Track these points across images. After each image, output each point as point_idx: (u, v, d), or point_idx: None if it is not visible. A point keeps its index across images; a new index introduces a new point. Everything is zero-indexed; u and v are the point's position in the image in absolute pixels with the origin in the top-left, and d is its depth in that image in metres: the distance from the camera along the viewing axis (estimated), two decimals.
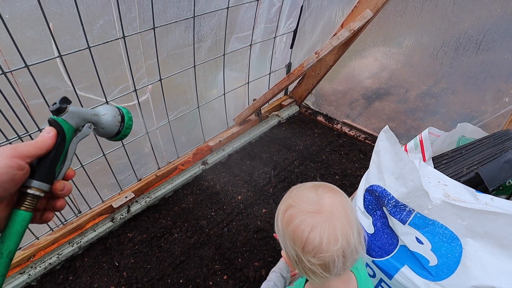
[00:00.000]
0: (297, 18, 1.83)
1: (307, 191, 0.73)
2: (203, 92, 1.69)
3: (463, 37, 1.36)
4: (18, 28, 0.92)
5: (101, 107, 0.61)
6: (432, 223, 0.79)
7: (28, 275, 1.27)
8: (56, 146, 0.52)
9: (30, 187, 0.49)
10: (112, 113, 0.60)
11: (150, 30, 1.19)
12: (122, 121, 0.62)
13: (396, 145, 0.84)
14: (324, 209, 0.68)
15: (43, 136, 0.51)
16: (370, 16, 1.41)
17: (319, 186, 0.74)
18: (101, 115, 0.59)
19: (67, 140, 0.54)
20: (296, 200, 0.71)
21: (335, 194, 0.72)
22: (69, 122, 0.54)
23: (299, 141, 1.98)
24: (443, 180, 0.91)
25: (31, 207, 0.49)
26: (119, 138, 0.63)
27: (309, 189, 0.73)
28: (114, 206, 1.46)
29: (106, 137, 0.62)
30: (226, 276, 1.29)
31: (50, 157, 0.51)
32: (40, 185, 0.50)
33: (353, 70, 1.90)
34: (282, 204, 0.74)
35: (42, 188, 0.50)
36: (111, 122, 0.60)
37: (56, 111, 0.53)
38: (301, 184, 0.78)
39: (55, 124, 0.53)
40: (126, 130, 0.62)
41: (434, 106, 1.64)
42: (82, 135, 0.57)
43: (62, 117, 0.53)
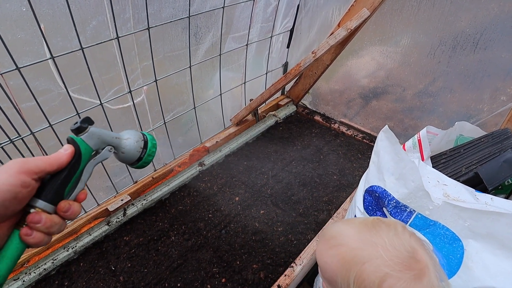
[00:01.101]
0: (293, 17, 1.82)
1: (394, 244, 0.57)
2: (200, 92, 1.67)
3: (460, 36, 1.36)
4: (9, 29, 0.90)
5: (126, 131, 0.60)
6: (433, 224, 0.78)
7: (23, 281, 1.24)
8: (69, 165, 0.50)
9: (33, 207, 0.46)
10: (135, 138, 0.59)
11: (145, 31, 1.17)
12: (144, 147, 0.60)
13: (396, 145, 0.83)
14: (423, 265, 0.55)
15: (59, 153, 0.49)
16: (367, 15, 1.40)
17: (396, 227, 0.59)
18: (123, 139, 0.58)
19: (82, 161, 0.52)
20: (391, 265, 0.55)
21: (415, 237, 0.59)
22: (87, 143, 0.52)
23: (296, 141, 1.97)
24: (442, 180, 0.90)
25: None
26: (140, 165, 0.61)
27: (394, 239, 0.57)
28: (109, 209, 1.44)
29: (126, 163, 0.60)
30: (225, 279, 1.28)
31: (61, 176, 0.49)
32: (45, 206, 0.47)
33: (350, 69, 1.89)
34: (369, 271, 0.55)
35: (46, 209, 0.47)
36: (133, 147, 0.58)
37: (76, 130, 0.52)
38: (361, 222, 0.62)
39: (73, 143, 0.51)
40: (148, 158, 0.60)
41: (432, 105, 1.64)
42: (100, 157, 0.55)
43: (81, 137, 0.52)
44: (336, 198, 1.59)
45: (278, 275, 1.27)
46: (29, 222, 0.45)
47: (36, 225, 0.45)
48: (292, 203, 1.56)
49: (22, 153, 1.05)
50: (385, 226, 0.60)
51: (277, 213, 1.52)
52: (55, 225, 0.48)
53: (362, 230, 0.60)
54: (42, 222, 0.45)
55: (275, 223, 1.47)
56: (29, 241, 0.45)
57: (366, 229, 0.60)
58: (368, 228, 0.60)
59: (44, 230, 0.46)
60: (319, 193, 1.62)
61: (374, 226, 0.60)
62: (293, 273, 1.25)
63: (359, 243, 0.58)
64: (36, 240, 0.46)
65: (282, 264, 1.32)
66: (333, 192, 1.62)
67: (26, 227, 0.45)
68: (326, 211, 1.52)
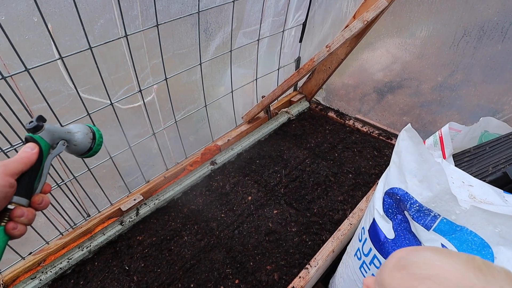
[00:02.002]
0: (306, 10, 1.76)
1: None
2: (210, 90, 1.64)
3: (487, 25, 1.28)
4: (16, 30, 0.88)
5: (72, 125, 0.65)
6: (460, 229, 0.73)
7: (39, 280, 1.26)
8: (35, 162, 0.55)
9: (11, 203, 0.51)
10: (84, 131, 0.64)
11: (153, 28, 1.14)
12: (93, 138, 0.65)
13: (420, 145, 0.78)
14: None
15: (27, 152, 0.54)
16: (385, 5, 1.33)
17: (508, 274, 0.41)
18: (74, 133, 0.63)
19: (44, 156, 0.57)
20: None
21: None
22: (45, 139, 0.57)
23: (310, 139, 1.92)
24: (467, 181, 0.85)
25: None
26: (90, 154, 0.66)
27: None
28: (123, 209, 1.44)
29: (77, 154, 0.67)
30: (238, 280, 1.26)
31: (29, 173, 0.54)
32: (20, 200, 0.52)
33: (364, 63, 1.83)
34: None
35: (21, 203, 0.52)
36: (84, 139, 0.64)
37: (33, 129, 0.56)
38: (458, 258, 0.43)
39: (33, 141, 0.56)
40: (97, 147, 0.66)
41: (452, 99, 1.56)
42: (56, 151, 0.60)
43: (39, 134, 0.57)
44: (351, 197, 1.54)
45: (292, 276, 1.24)
46: (14, 216, 0.51)
47: (20, 219, 0.52)
48: (306, 203, 1.53)
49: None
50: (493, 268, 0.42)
51: (290, 213, 1.48)
52: (34, 216, 0.54)
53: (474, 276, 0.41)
54: (25, 215, 0.52)
55: (289, 223, 1.44)
56: (15, 234, 0.51)
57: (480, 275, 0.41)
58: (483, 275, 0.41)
59: (26, 222, 0.53)
60: (334, 193, 1.57)
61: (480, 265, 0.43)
62: (308, 275, 1.21)
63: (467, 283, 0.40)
64: (20, 232, 0.52)
65: (297, 266, 1.28)
66: (348, 191, 1.57)
67: (12, 222, 0.51)
68: (342, 211, 1.47)
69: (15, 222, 0.52)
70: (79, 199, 1.32)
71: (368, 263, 0.97)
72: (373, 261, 0.94)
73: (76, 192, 1.30)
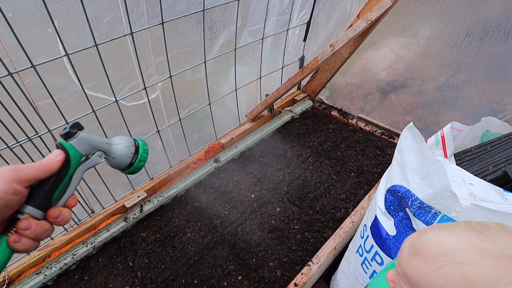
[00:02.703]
0: (310, 9, 1.77)
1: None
2: (215, 88, 1.65)
3: (490, 26, 1.28)
4: (23, 27, 0.90)
5: (117, 136, 0.59)
6: None
7: (44, 275, 1.27)
8: (58, 171, 0.50)
9: (22, 213, 0.46)
10: (125, 144, 0.58)
11: (159, 26, 1.15)
12: (136, 152, 0.59)
13: (421, 143, 0.79)
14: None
15: (50, 159, 0.49)
16: (389, 5, 1.33)
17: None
18: (114, 145, 0.57)
19: (71, 166, 0.52)
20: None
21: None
22: (77, 148, 0.52)
23: (313, 137, 1.93)
24: (468, 179, 0.85)
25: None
26: (131, 171, 0.60)
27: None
28: (127, 206, 1.45)
29: (117, 168, 0.60)
30: (241, 276, 1.27)
31: (49, 182, 0.49)
32: (33, 211, 0.47)
33: (367, 63, 1.83)
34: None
35: (34, 214, 0.47)
36: (123, 153, 0.58)
37: (65, 136, 0.52)
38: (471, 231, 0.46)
39: (62, 148, 0.51)
40: (139, 163, 0.60)
41: (454, 99, 1.56)
42: (90, 163, 0.55)
43: (71, 142, 0.52)
44: (354, 196, 1.54)
45: (295, 273, 1.25)
46: (19, 228, 0.45)
47: (25, 232, 0.45)
48: (309, 201, 1.53)
49: (41, 151, 1.06)
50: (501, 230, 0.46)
51: (293, 210, 1.49)
52: (44, 231, 0.48)
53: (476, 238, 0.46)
54: (31, 229, 0.45)
55: (292, 221, 1.45)
56: (17, 248, 0.45)
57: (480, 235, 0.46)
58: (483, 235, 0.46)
59: (33, 236, 0.46)
60: (336, 191, 1.58)
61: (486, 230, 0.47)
62: (310, 271, 1.22)
63: (483, 257, 0.43)
64: (24, 246, 0.46)
65: (299, 262, 1.29)
66: (350, 189, 1.58)
67: (15, 234, 0.45)
68: (344, 209, 1.48)
69: (19, 234, 0.45)
70: (83, 196, 1.34)
71: (369, 260, 0.98)
72: (374, 257, 0.95)
73: (80, 188, 1.31)
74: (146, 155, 0.61)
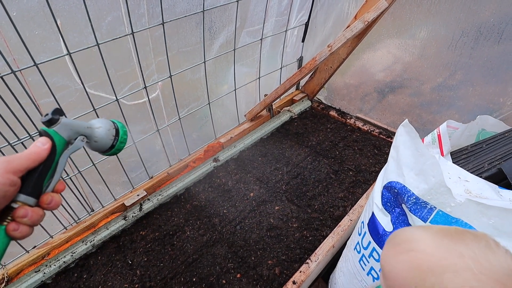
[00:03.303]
0: (308, 10, 1.79)
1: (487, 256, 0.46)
2: (214, 88, 1.67)
3: (484, 27, 1.30)
4: (26, 26, 0.91)
5: (95, 120, 0.60)
6: (455, 221, 0.75)
7: (43, 273, 1.28)
8: (46, 159, 0.50)
9: (15, 201, 0.47)
10: (106, 127, 0.59)
11: (159, 26, 1.17)
12: (116, 134, 0.60)
13: (416, 139, 0.80)
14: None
15: (37, 147, 0.49)
16: (385, 6, 1.36)
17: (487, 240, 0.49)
18: (95, 128, 0.58)
19: (57, 152, 0.52)
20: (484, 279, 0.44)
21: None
22: (60, 134, 0.53)
23: (311, 137, 1.95)
24: (464, 176, 0.87)
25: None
26: (112, 152, 0.61)
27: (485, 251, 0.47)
28: (126, 204, 1.46)
29: (99, 151, 0.61)
30: (240, 274, 1.28)
31: (39, 170, 0.49)
32: (26, 199, 0.47)
33: (365, 63, 1.85)
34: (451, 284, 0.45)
35: (28, 202, 0.48)
36: (105, 135, 0.58)
37: (47, 122, 0.52)
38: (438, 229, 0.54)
39: (46, 135, 0.51)
40: (120, 145, 0.61)
41: (451, 99, 1.59)
42: (74, 148, 0.55)
43: (54, 128, 0.52)
44: (352, 194, 1.56)
45: (293, 271, 1.26)
46: (16, 216, 0.46)
47: (23, 219, 0.47)
48: (307, 199, 1.55)
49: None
50: (472, 236, 0.51)
51: (292, 209, 1.51)
52: (40, 217, 0.49)
53: (442, 237, 0.51)
54: (28, 216, 0.47)
55: (290, 219, 1.46)
56: (16, 235, 0.47)
57: (447, 236, 0.51)
58: (450, 236, 0.51)
59: (30, 223, 0.48)
60: (334, 189, 1.59)
61: (457, 234, 0.52)
62: (308, 269, 1.23)
63: (438, 250, 0.49)
64: (22, 234, 0.47)
65: (297, 260, 1.30)
66: (348, 188, 1.59)
67: (13, 222, 0.46)
68: (342, 208, 1.49)
69: (17, 222, 0.47)
70: (83, 194, 1.35)
71: (367, 256, 0.99)
72: (372, 254, 0.96)
73: (80, 186, 1.32)
74: (126, 136, 0.62)
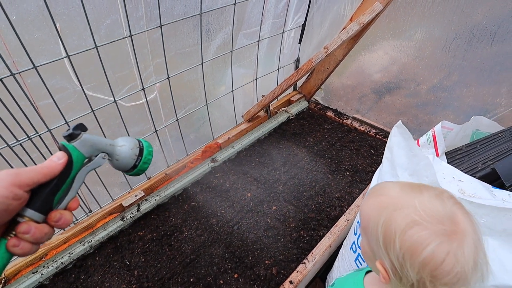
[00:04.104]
0: (305, 12, 1.80)
1: (433, 202, 0.57)
2: (211, 89, 1.68)
3: (476, 29, 1.32)
4: (26, 29, 0.92)
5: (121, 138, 0.58)
6: None
7: (41, 275, 1.28)
8: (60, 174, 0.48)
9: (22, 216, 0.45)
10: (129, 145, 0.57)
11: (157, 29, 1.18)
12: (140, 154, 0.58)
13: (409, 140, 0.82)
14: (460, 228, 0.54)
15: (52, 162, 0.47)
16: (380, 9, 1.37)
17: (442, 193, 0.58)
18: (117, 146, 0.56)
19: (74, 168, 0.50)
20: (424, 215, 0.55)
21: (459, 204, 0.58)
22: (80, 150, 0.51)
23: (308, 137, 1.96)
24: (458, 176, 0.88)
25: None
26: (135, 173, 0.59)
27: (434, 198, 0.57)
28: (124, 205, 1.47)
29: (121, 170, 0.59)
30: (237, 274, 1.29)
31: (50, 185, 0.47)
32: (33, 214, 0.45)
33: (362, 64, 1.87)
34: (398, 216, 0.57)
35: (34, 218, 0.46)
36: (127, 154, 0.56)
37: (68, 137, 0.50)
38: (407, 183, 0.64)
39: (65, 150, 0.50)
40: (143, 165, 0.59)
41: (446, 99, 1.61)
42: (93, 165, 0.54)
43: (73, 144, 0.51)
44: (348, 194, 1.58)
45: (290, 271, 1.27)
46: (18, 232, 0.44)
47: (24, 236, 0.44)
48: (304, 199, 1.56)
49: (40, 150, 1.08)
50: (431, 189, 0.60)
51: (289, 209, 1.52)
52: (44, 235, 0.47)
53: (406, 187, 0.62)
54: (31, 233, 0.45)
55: (287, 219, 1.47)
56: (16, 252, 0.45)
57: (411, 187, 0.62)
58: (413, 187, 0.62)
59: (32, 240, 0.45)
60: (331, 189, 1.61)
61: (419, 186, 0.62)
62: (305, 269, 1.25)
63: (399, 195, 0.60)
64: (23, 250, 0.45)
65: (295, 260, 1.32)
66: (345, 188, 1.61)
67: (14, 238, 0.44)
68: (339, 208, 1.51)
69: (19, 238, 0.44)
70: (81, 195, 1.35)
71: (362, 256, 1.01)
72: None
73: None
74: (150, 156, 0.60)
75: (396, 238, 0.56)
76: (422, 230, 0.53)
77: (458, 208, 0.57)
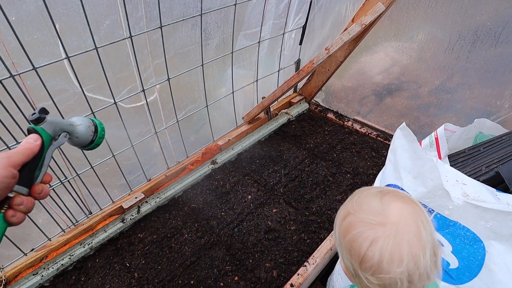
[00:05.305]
0: (306, 13, 1.80)
1: (370, 198, 0.65)
2: (212, 90, 1.67)
3: (480, 30, 1.31)
4: (25, 30, 0.91)
5: (75, 117, 0.66)
6: (453, 224, 0.76)
7: (41, 276, 1.27)
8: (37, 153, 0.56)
9: (11, 191, 0.53)
10: (86, 124, 0.65)
11: (157, 29, 1.17)
12: (95, 131, 0.66)
13: (414, 142, 0.81)
14: (389, 220, 0.59)
15: (30, 143, 0.55)
16: (382, 10, 1.37)
17: (386, 193, 0.65)
18: (76, 125, 0.63)
19: (45, 147, 0.58)
20: (356, 207, 0.64)
21: (405, 204, 0.62)
22: (47, 131, 0.58)
23: (309, 139, 1.95)
24: (461, 179, 0.87)
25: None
26: (92, 147, 0.68)
27: (373, 196, 0.65)
28: (124, 207, 1.46)
29: (79, 146, 0.67)
30: (237, 277, 1.28)
31: (30, 163, 0.55)
32: (21, 189, 0.53)
33: (363, 66, 1.86)
34: (342, 210, 0.68)
35: (22, 192, 0.53)
36: (85, 132, 0.64)
37: (35, 121, 0.57)
38: (366, 188, 0.71)
39: (35, 132, 0.57)
40: (99, 140, 0.67)
41: (449, 101, 1.60)
42: (58, 143, 0.61)
43: (41, 126, 0.57)
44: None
45: (291, 274, 1.26)
46: (14, 204, 0.52)
47: (19, 207, 0.53)
48: (305, 202, 1.55)
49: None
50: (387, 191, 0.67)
51: (290, 211, 1.51)
52: (32, 205, 0.55)
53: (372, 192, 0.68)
54: (24, 204, 0.53)
55: (288, 222, 1.46)
56: (14, 221, 0.53)
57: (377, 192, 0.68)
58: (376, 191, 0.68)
59: (25, 210, 0.54)
60: (332, 192, 1.60)
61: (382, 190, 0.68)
62: (306, 272, 1.24)
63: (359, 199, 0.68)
64: (19, 219, 0.53)
65: (295, 263, 1.31)
66: (346, 191, 1.60)
67: (11, 210, 0.52)
68: None
69: (14, 209, 0.53)
70: (81, 197, 1.35)
71: None
72: None
73: (78, 189, 1.32)
74: (103, 132, 0.68)
75: (336, 226, 0.68)
76: (352, 218, 0.63)
77: (398, 207, 0.61)
